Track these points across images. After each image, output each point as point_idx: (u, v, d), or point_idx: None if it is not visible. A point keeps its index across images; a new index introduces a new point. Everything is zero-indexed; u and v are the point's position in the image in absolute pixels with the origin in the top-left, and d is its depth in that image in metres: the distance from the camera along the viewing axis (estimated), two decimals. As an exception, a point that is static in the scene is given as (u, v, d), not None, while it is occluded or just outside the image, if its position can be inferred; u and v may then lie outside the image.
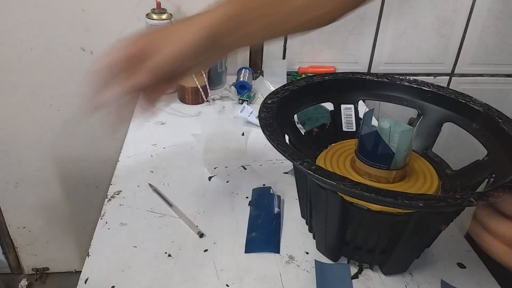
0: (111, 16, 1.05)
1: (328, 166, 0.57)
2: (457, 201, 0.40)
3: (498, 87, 1.27)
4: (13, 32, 1.05)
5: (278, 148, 0.47)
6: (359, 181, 0.44)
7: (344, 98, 0.66)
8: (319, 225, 0.57)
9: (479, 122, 0.57)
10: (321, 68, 1.16)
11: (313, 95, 0.64)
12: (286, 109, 0.59)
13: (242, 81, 1.04)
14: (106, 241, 0.60)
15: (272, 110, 0.55)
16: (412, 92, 0.63)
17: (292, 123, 0.62)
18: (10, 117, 1.17)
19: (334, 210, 0.50)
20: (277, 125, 0.52)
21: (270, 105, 0.56)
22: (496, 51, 1.21)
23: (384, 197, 0.40)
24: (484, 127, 0.57)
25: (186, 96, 0.99)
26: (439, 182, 0.55)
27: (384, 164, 0.52)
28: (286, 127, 0.58)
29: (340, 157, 0.59)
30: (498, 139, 0.54)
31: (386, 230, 0.50)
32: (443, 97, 0.61)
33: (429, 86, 0.63)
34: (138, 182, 0.72)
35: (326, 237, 0.56)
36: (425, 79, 1.24)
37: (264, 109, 0.55)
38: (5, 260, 1.46)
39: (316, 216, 0.56)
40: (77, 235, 1.43)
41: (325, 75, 0.65)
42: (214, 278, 0.55)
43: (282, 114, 0.57)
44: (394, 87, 0.64)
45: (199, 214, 0.66)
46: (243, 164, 0.78)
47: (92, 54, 1.10)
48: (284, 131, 0.55)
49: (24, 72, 1.10)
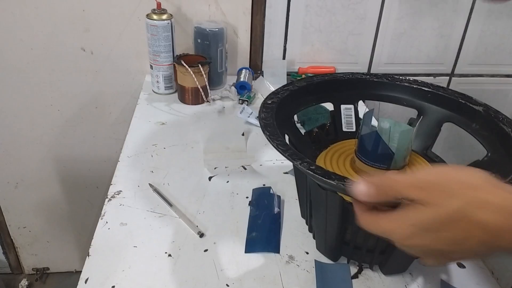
0: (111, 16, 1.05)
1: (328, 166, 0.57)
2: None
3: (498, 87, 1.27)
4: (14, 32, 1.05)
5: (278, 148, 0.47)
6: None
7: (344, 99, 0.66)
8: (319, 225, 0.57)
9: (478, 122, 0.57)
10: (321, 68, 1.16)
11: (313, 96, 0.64)
12: (286, 109, 0.59)
13: (242, 82, 1.04)
14: (106, 241, 0.60)
15: (272, 110, 0.55)
16: (412, 92, 0.64)
17: (292, 123, 0.62)
18: (10, 117, 1.17)
19: (334, 210, 0.50)
20: (277, 125, 0.52)
21: (270, 105, 0.56)
22: (496, 51, 1.21)
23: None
24: (484, 127, 0.57)
25: (186, 96, 0.99)
26: None
27: (384, 164, 0.52)
28: (286, 127, 0.58)
29: (340, 157, 0.59)
30: (497, 139, 0.54)
31: None
32: (443, 97, 0.61)
33: (429, 87, 0.63)
34: (138, 182, 0.72)
35: (326, 237, 0.56)
36: (425, 79, 1.24)
37: (264, 109, 0.55)
38: (5, 260, 1.46)
39: (316, 216, 0.57)
40: (77, 235, 1.43)
41: (325, 76, 0.66)
42: (214, 278, 0.55)
43: (282, 114, 0.57)
44: (394, 87, 0.65)
45: (199, 214, 0.66)
46: (243, 164, 0.78)
47: (92, 54, 1.10)
48: (284, 131, 0.56)
49: (24, 72, 1.10)
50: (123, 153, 0.80)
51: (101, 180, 1.30)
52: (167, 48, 0.99)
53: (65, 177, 1.30)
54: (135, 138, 0.85)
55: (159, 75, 1.02)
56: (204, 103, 1.00)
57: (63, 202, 1.35)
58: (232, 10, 1.08)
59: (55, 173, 1.28)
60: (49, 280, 1.50)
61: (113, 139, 1.22)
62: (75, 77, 1.12)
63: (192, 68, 0.94)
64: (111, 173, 0.74)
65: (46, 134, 1.21)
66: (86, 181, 1.31)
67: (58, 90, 1.14)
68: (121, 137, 0.85)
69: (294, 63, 1.16)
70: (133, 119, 0.92)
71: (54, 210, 1.35)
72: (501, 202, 0.33)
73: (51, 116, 1.18)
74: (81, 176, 1.30)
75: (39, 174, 1.28)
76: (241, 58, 1.15)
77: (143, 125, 0.90)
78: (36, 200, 1.33)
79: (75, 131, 1.21)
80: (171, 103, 1.00)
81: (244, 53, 1.14)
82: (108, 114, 1.19)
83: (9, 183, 1.29)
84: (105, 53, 1.10)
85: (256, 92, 1.06)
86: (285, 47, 1.15)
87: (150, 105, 0.99)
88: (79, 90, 1.15)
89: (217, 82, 1.07)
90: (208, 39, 1.01)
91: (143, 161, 0.78)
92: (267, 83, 1.07)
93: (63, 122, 1.19)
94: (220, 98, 1.02)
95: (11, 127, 1.19)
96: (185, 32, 1.07)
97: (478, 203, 0.33)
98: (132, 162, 0.77)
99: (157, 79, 1.03)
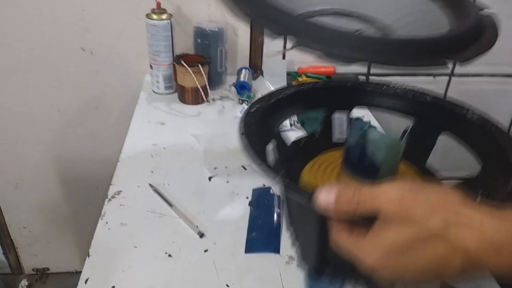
0: (111, 16, 1.05)
1: (313, 178, 0.55)
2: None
3: (498, 87, 1.27)
4: (14, 32, 1.05)
5: (253, 161, 0.45)
6: None
7: (336, 106, 0.63)
8: (301, 242, 0.55)
9: (474, 135, 0.55)
10: (321, 68, 1.16)
11: (303, 103, 0.61)
12: (271, 118, 0.57)
13: (242, 81, 1.04)
14: (106, 241, 0.60)
15: (255, 118, 0.52)
16: (407, 101, 0.61)
17: (277, 132, 0.59)
18: (10, 117, 1.17)
19: (312, 226, 0.48)
20: (259, 135, 0.49)
21: (253, 114, 0.54)
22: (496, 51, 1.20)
23: None
24: (480, 140, 0.54)
25: (186, 96, 0.99)
26: None
27: (370, 176, 0.49)
28: (270, 137, 0.55)
29: (327, 168, 0.57)
30: (493, 153, 0.52)
31: None
32: (439, 107, 0.59)
33: (425, 96, 0.60)
34: (138, 182, 0.72)
35: (308, 253, 0.54)
36: (425, 79, 1.24)
37: (246, 117, 0.53)
38: (5, 260, 1.46)
39: (295, 231, 0.54)
40: (77, 235, 1.43)
41: (317, 83, 0.63)
42: (214, 278, 0.55)
43: (267, 122, 0.55)
44: (389, 95, 0.62)
45: (199, 214, 0.66)
46: (243, 164, 0.78)
47: (92, 54, 1.10)
48: (268, 141, 0.54)
49: (24, 72, 1.10)
50: (123, 153, 0.80)
51: (101, 180, 1.30)
52: (167, 48, 0.99)
53: (65, 177, 1.30)
54: (135, 138, 0.85)
55: (159, 75, 1.02)
56: (204, 103, 1.00)
57: (63, 202, 1.35)
58: (232, 10, 1.08)
59: (55, 173, 1.28)
60: (49, 281, 1.50)
61: (113, 139, 1.22)
62: (75, 77, 1.12)
63: (192, 68, 0.94)
64: (111, 173, 0.74)
65: (46, 134, 1.21)
66: (86, 181, 1.31)
67: (58, 90, 1.14)
68: (121, 137, 0.85)
69: (294, 63, 1.16)
70: (133, 119, 0.92)
71: (54, 210, 1.35)
72: (479, 226, 0.31)
73: (51, 116, 1.18)
74: (81, 176, 1.30)
75: (39, 174, 1.27)
76: (241, 58, 1.15)
77: (143, 125, 0.90)
78: (36, 200, 1.33)
79: (75, 131, 1.21)
80: (171, 103, 1.00)
81: (244, 53, 1.14)
82: (108, 114, 1.19)
83: (9, 183, 1.29)
84: (105, 53, 1.10)
85: (256, 92, 1.06)
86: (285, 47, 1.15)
87: (150, 105, 0.99)
88: (79, 90, 1.15)
89: (217, 82, 1.07)
90: (208, 39, 1.01)
91: (143, 161, 0.78)
92: (267, 83, 1.07)
93: (63, 122, 1.19)
94: (220, 98, 1.02)
95: (11, 127, 1.19)
96: (185, 32, 1.07)
97: (459, 224, 0.31)
98: (132, 162, 0.77)
99: (157, 79, 1.03)
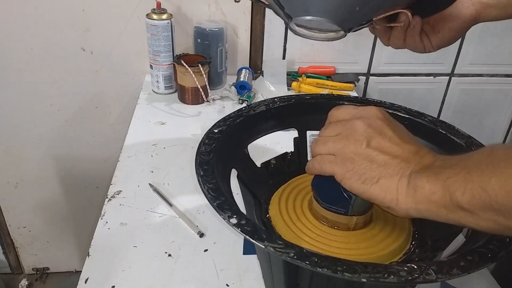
0: (111, 16, 1.05)
1: (283, 207, 0.49)
2: (413, 276, 0.33)
3: (497, 87, 1.27)
4: (14, 32, 1.05)
5: (208, 194, 0.42)
6: (310, 232, 0.41)
7: (310, 124, 0.56)
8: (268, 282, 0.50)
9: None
10: (321, 68, 1.16)
11: (274, 121, 0.55)
12: (238, 138, 0.52)
13: (242, 81, 1.04)
14: (106, 241, 0.60)
15: (217, 141, 0.47)
16: None
17: (245, 154, 0.54)
18: (10, 117, 1.17)
19: (278, 268, 0.43)
20: (222, 160, 0.45)
21: (215, 136, 0.48)
22: (496, 51, 1.21)
23: (321, 268, 0.33)
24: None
25: (186, 96, 0.99)
26: (411, 228, 0.48)
27: (341, 208, 0.44)
28: (236, 160, 0.51)
29: (298, 195, 0.50)
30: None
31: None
32: (422, 125, 0.54)
33: (406, 112, 0.56)
34: (138, 182, 0.72)
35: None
36: (425, 79, 1.24)
37: (207, 140, 0.47)
38: (5, 260, 1.46)
39: (264, 272, 0.51)
40: (77, 235, 1.43)
41: (291, 98, 0.58)
42: (214, 278, 0.55)
43: (232, 144, 0.50)
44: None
45: (199, 214, 0.66)
46: (243, 164, 0.78)
47: (92, 54, 1.10)
48: (233, 165, 0.49)
49: (24, 72, 1.10)
50: (123, 153, 0.80)
51: (101, 180, 1.30)
52: (167, 48, 0.99)
53: (65, 177, 1.30)
54: (135, 138, 0.85)
55: (159, 75, 1.02)
56: (204, 103, 1.00)
57: (63, 202, 1.34)
58: (232, 10, 1.08)
59: (55, 173, 1.28)
60: (49, 280, 1.50)
61: (113, 139, 1.22)
62: (75, 77, 1.12)
63: (192, 68, 0.94)
64: (111, 173, 0.74)
65: (46, 134, 1.21)
66: (86, 181, 1.31)
67: (58, 90, 1.14)
68: (121, 137, 0.85)
69: (294, 63, 1.16)
70: (133, 119, 0.92)
71: (54, 210, 1.35)
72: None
73: (51, 116, 1.18)
74: (81, 176, 1.30)
75: (39, 174, 1.27)
76: (241, 58, 1.15)
77: (143, 125, 0.90)
78: (36, 200, 1.33)
79: (75, 131, 1.21)
80: (171, 103, 1.00)
81: (244, 53, 1.14)
82: (108, 114, 1.19)
83: (9, 183, 1.29)
84: (105, 53, 1.10)
85: (256, 92, 1.06)
86: (285, 47, 1.15)
87: (150, 105, 0.99)
88: (79, 90, 1.15)
89: (217, 82, 1.07)
90: (208, 39, 1.01)
91: (143, 161, 0.78)
92: (267, 83, 1.07)
93: (63, 122, 1.19)
94: (220, 98, 1.02)
95: (11, 127, 1.18)
96: (185, 32, 1.07)
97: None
98: (132, 162, 0.77)
99: (157, 79, 1.03)
